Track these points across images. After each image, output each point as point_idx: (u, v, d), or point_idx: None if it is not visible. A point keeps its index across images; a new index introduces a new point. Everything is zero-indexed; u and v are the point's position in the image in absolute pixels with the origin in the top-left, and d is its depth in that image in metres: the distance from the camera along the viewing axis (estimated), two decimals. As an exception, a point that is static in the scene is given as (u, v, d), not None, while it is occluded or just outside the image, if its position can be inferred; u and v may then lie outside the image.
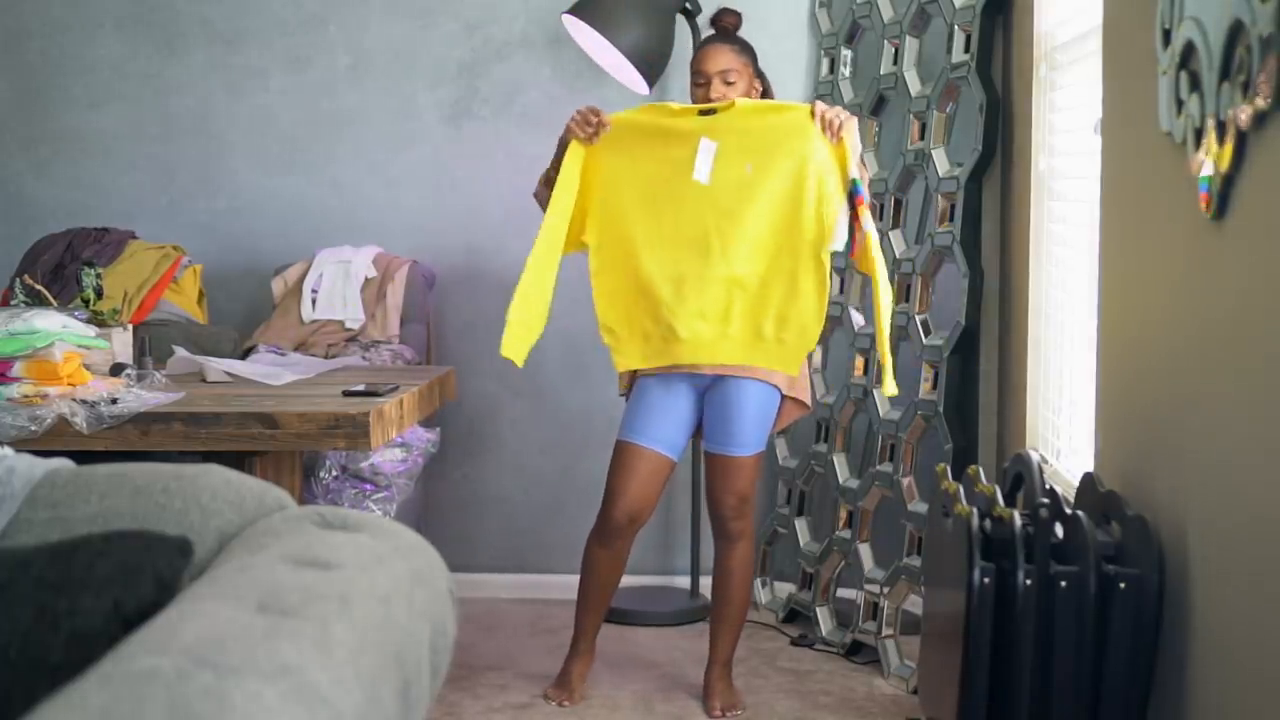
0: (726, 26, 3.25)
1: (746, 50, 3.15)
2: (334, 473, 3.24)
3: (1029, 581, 2.11)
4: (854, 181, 2.89)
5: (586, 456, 3.99)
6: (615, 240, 3.04)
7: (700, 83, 3.11)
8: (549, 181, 3.08)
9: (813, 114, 2.91)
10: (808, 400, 3.17)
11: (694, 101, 3.14)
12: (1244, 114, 1.74)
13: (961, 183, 3.40)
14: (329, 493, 3.24)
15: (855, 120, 2.94)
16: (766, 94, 3.18)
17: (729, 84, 3.07)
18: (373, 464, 3.26)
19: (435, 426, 3.52)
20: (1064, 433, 3.00)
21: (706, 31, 3.43)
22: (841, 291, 3.77)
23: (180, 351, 3.17)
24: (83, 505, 1.52)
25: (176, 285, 3.69)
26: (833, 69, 3.88)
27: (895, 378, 2.98)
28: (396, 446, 3.30)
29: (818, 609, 3.67)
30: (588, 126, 2.99)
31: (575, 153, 3.02)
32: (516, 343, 3.02)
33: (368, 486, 3.26)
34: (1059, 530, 2.16)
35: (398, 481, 3.30)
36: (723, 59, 3.09)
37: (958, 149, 3.52)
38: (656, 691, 3.29)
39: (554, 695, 3.21)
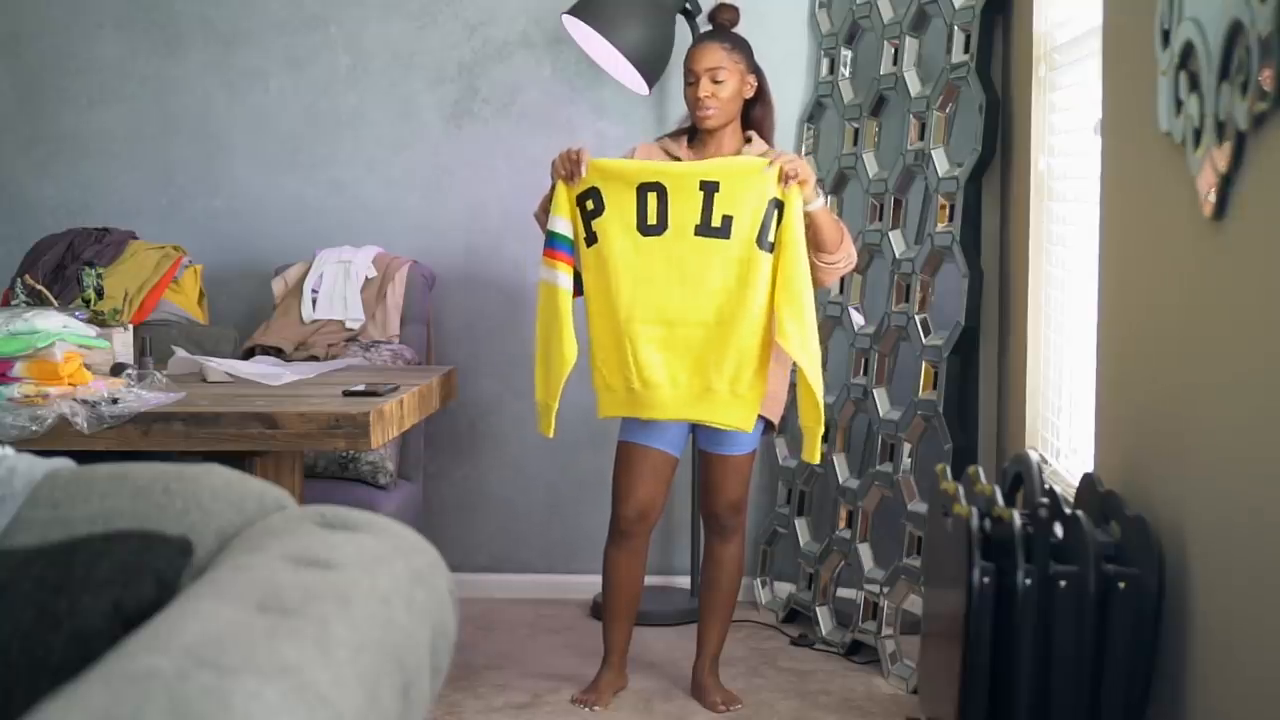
0: (723, 22, 3.24)
1: (739, 48, 3.13)
2: None
3: (1029, 581, 2.11)
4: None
5: (587, 456, 3.99)
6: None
7: (690, 81, 3.11)
8: (545, 208, 3.07)
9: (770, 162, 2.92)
10: (775, 420, 3.19)
11: (686, 98, 3.13)
12: (1243, 114, 1.74)
13: (961, 183, 3.40)
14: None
15: (805, 163, 2.96)
16: (762, 90, 3.17)
17: (717, 82, 3.07)
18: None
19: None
20: (1064, 433, 3.00)
21: (707, 27, 3.42)
22: (842, 291, 3.77)
23: (180, 351, 3.17)
24: (83, 505, 1.52)
25: (177, 285, 3.69)
26: (833, 69, 3.88)
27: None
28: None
29: (818, 609, 3.67)
30: (566, 165, 2.97)
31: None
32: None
33: None
34: (1059, 530, 2.16)
35: None
36: (712, 57, 3.08)
37: (957, 149, 3.52)
38: (656, 691, 3.29)
39: (582, 699, 3.19)
